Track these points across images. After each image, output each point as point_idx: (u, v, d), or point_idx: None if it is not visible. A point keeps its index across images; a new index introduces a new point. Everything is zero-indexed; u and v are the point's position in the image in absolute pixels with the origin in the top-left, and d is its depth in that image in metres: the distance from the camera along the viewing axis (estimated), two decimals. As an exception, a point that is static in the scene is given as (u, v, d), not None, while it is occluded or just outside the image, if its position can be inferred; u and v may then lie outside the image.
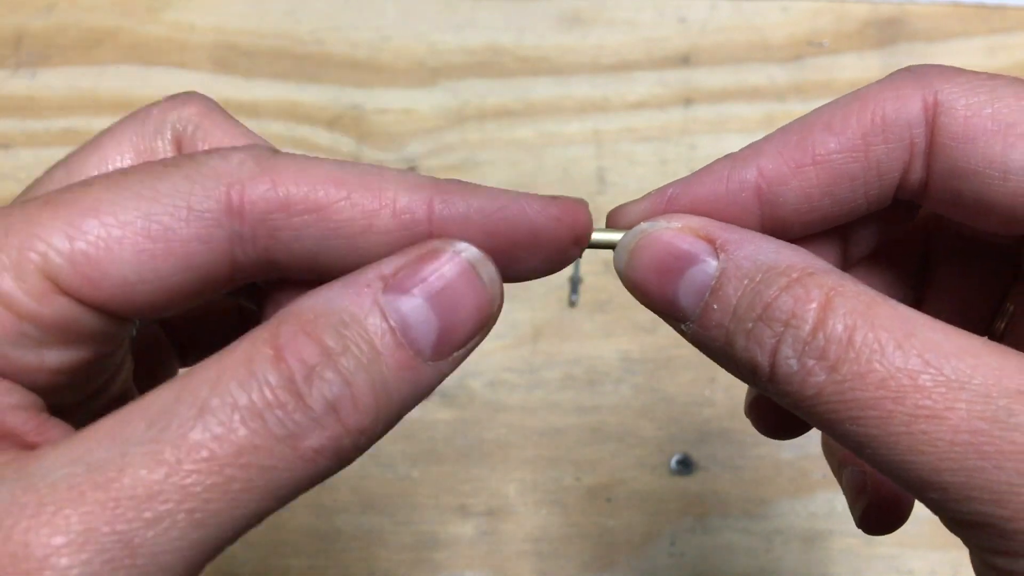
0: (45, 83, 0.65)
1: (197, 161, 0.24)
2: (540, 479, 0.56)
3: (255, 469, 0.21)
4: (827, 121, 0.26)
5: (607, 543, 0.55)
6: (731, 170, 0.27)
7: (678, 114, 0.64)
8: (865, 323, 0.22)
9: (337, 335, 0.22)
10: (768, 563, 0.55)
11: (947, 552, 0.55)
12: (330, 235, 0.24)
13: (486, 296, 0.25)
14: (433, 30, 0.67)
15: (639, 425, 0.57)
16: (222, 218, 0.23)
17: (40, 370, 0.23)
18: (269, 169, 0.24)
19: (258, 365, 0.21)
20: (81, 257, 0.22)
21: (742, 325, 0.24)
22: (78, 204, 0.23)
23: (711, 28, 0.67)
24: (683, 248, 0.26)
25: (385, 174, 0.25)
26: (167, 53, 0.66)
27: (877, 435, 0.22)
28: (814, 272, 0.24)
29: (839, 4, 0.67)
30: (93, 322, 0.23)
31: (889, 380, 0.22)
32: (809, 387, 0.23)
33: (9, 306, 0.22)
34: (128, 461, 0.20)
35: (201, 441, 0.20)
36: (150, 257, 0.23)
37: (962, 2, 0.67)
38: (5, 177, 0.63)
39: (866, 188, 0.27)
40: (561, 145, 0.64)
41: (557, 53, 0.66)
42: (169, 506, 0.20)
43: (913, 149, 0.26)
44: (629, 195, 0.64)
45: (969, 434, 0.21)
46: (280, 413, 0.21)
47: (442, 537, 0.55)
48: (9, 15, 0.67)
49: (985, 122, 0.25)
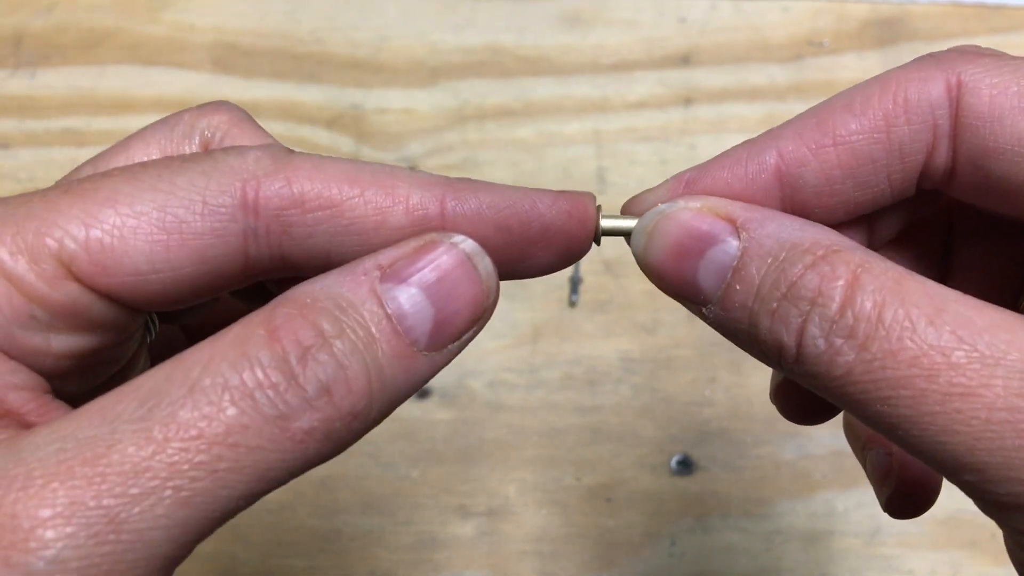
0: (45, 83, 0.65)
1: (215, 157, 0.25)
2: (540, 479, 0.56)
3: (243, 449, 0.21)
4: (848, 103, 0.26)
5: (607, 543, 0.55)
6: (750, 153, 0.27)
7: (678, 114, 0.64)
8: (895, 300, 0.22)
9: (333, 319, 0.22)
10: (768, 563, 0.55)
11: (947, 552, 0.55)
12: (343, 232, 0.24)
13: (482, 288, 0.25)
14: (433, 30, 0.67)
15: (639, 425, 0.57)
16: (236, 213, 0.24)
17: (46, 354, 0.24)
18: (285, 167, 0.24)
19: (251, 345, 0.21)
20: (96, 245, 0.23)
21: (766, 305, 0.23)
22: (97, 194, 0.23)
23: (711, 28, 0.67)
24: (703, 228, 0.25)
25: (398, 172, 0.25)
26: (167, 53, 0.66)
27: (909, 415, 0.21)
28: (840, 249, 0.23)
29: (839, 4, 0.67)
30: (103, 310, 0.24)
31: (921, 358, 0.21)
32: (837, 367, 0.22)
33: (20, 287, 0.23)
34: (117, 438, 0.20)
35: (190, 420, 0.20)
36: (164, 248, 0.23)
37: (962, 2, 0.67)
38: (5, 177, 0.63)
39: (889, 171, 0.26)
40: (561, 145, 0.64)
41: (557, 53, 0.66)
42: (155, 483, 0.20)
43: (937, 131, 0.26)
44: (629, 195, 0.64)
45: (1007, 411, 0.21)
46: (271, 393, 0.21)
47: (442, 537, 0.55)
48: (9, 15, 0.67)
49: (1012, 100, 0.24)
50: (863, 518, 0.56)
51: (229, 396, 0.21)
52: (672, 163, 0.63)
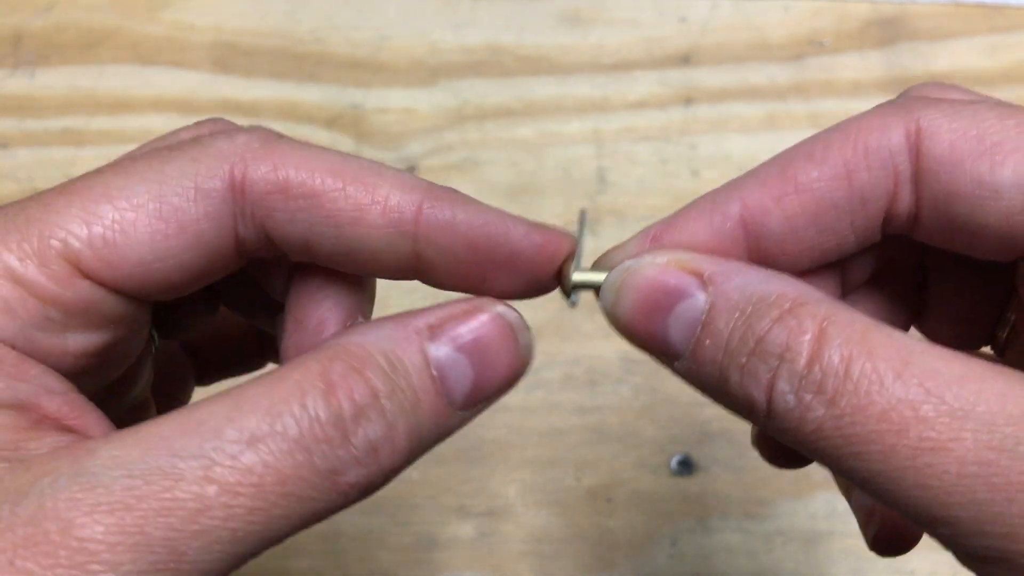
0: (44, 83, 0.65)
1: (202, 143, 0.25)
2: (540, 479, 0.56)
3: (295, 499, 0.22)
4: (809, 151, 0.26)
5: (607, 544, 0.55)
6: (714, 205, 0.27)
7: (678, 114, 0.64)
8: (861, 353, 0.22)
9: (385, 377, 0.23)
10: (769, 564, 0.55)
11: (947, 553, 0.55)
12: (321, 222, 0.25)
13: (519, 359, 0.26)
14: (433, 29, 0.67)
15: (639, 426, 0.57)
16: (227, 195, 0.25)
17: (65, 354, 0.24)
18: (272, 151, 0.25)
19: (310, 399, 0.22)
20: (99, 241, 0.24)
21: (736, 360, 0.23)
22: (91, 191, 0.24)
23: (711, 27, 0.67)
24: (670, 283, 0.25)
25: (383, 171, 0.26)
26: (167, 53, 0.66)
27: (881, 470, 0.21)
28: (805, 302, 0.23)
29: (840, 3, 0.67)
30: (112, 304, 0.25)
31: (890, 412, 0.21)
32: (808, 423, 0.22)
33: (33, 291, 0.23)
34: (181, 473, 0.21)
35: (251, 467, 0.21)
36: (164, 237, 0.24)
37: (963, 2, 0.67)
38: (4, 177, 0.63)
39: (852, 217, 0.26)
40: (561, 145, 0.63)
41: (557, 53, 0.66)
42: (215, 523, 0.21)
43: (898, 177, 0.26)
44: (629, 195, 0.64)
45: (977, 465, 0.20)
46: (326, 448, 0.22)
47: (442, 537, 0.55)
48: (9, 15, 0.67)
49: (971, 143, 0.24)
50: (864, 518, 0.56)
51: (287, 447, 0.22)
52: (672, 163, 0.63)
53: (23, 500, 0.20)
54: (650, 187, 0.62)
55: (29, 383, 0.23)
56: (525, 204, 0.62)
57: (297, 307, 0.27)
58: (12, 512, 0.20)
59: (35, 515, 0.20)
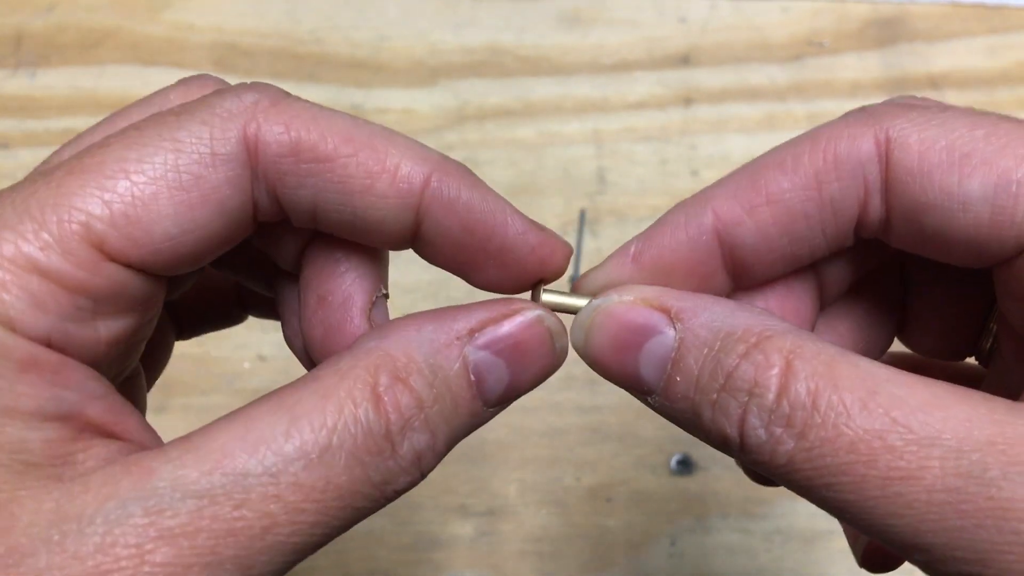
0: (45, 83, 0.65)
1: (210, 104, 0.24)
2: (540, 479, 0.56)
3: (350, 510, 0.23)
4: (779, 161, 0.26)
5: (607, 543, 0.55)
6: (687, 216, 0.27)
7: (678, 114, 0.64)
8: (827, 385, 0.22)
9: (428, 387, 0.24)
10: (768, 563, 0.55)
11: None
12: (330, 188, 0.25)
13: (553, 363, 0.27)
14: (433, 30, 0.67)
15: (639, 425, 0.57)
16: (243, 157, 0.24)
17: (97, 343, 0.23)
18: (284, 110, 0.24)
19: (362, 412, 0.23)
20: (122, 219, 0.23)
21: (707, 396, 0.24)
22: (105, 167, 0.23)
23: (711, 28, 0.67)
24: (638, 321, 0.25)
25: (395, 139, 0.25)
26: (167, 53, 0.66)
27: (853, 500, 0.22)
28: (771, 335, 0.23)
29: (839, 4, 0.67)
30: (139, 285, 0.24)
31: (859, 443, 0.21)
32: (779, 456, 0.22)
33: (61, 282, 0.22)
34: (247, 494, 0.21)
35: (314, 484, 0.22)
36: (188, 208, 0.23)
37: (962, 2, 0.67)
38: (5, 177, 0.63)
39: (823, 226, 0.26)
40: (561, 145, 0.64)
41: (557, 53, 0.66)
42: (281, 537, 0.22)
43: (868, 187, 0.26)
44: (629, 195, 0.64)
45: (945, 493, 0.21)
46: (378, 460, 0.23)
47: (442, 537, 0.55)
48: (9, 15, 0.67)
49: (940, 155, 0.24)
50: (863, 518, 0.56)
51: (345, 462, 0.22)
52: (672, 163, 0.63)
53: (89, 526, 0.20)
54: (650, 187, 0.62)
55: (72, 389, 0.22)
56: (525, 204, 0.61)
57: (318, 281, 0.27)
58: (80, 539, 0.20)
59: (105, 543, 0.20)
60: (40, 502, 0.21)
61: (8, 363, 0.22)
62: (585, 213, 0.61)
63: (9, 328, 0.22)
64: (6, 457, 0.21)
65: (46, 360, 0.22)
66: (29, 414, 0.22)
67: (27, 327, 0.22)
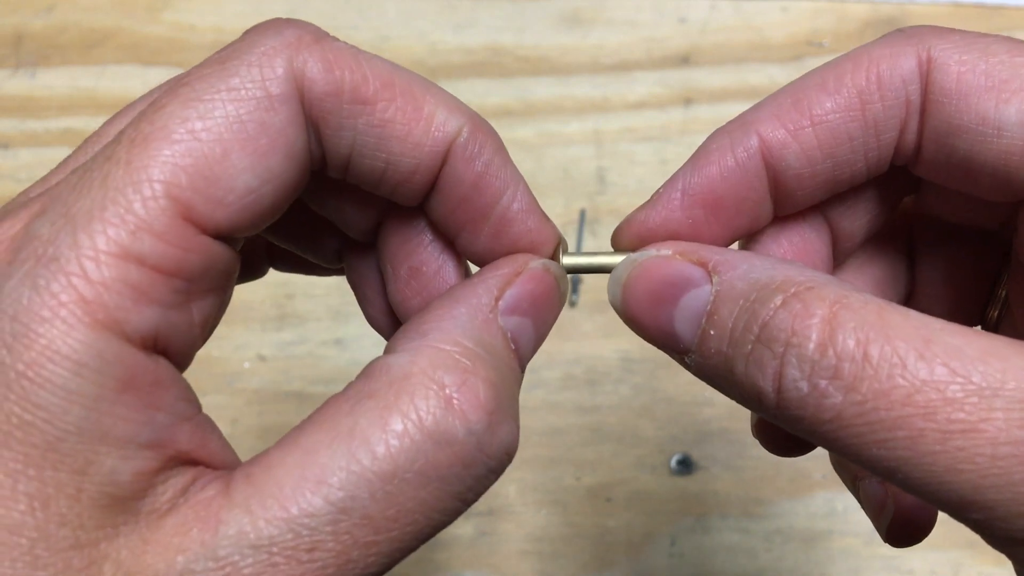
0: (45, 83, 0.65)
1: (252, 43, 0.23)
2: (540, 479, 0.56)
3: (428, 530, 0.22)
4: (821, 82, 0.26)
5: (607, 543, 0.55)
6: (733, 140, 0.26)
7: (678, 114, 0.64)
8: (879, 335, 0.21)
9: (493, 369, 0.23)
10: (768, 563, 0.55)
11: (947, 552, 0.55)
12: (369, 132, 0.24)
13: (562, 304, 0.27)
14: (433, 30, 0.67)
15: (639, 425, 0.57)
16: (296, 94, 0.23)
17: (193, 328, 0.22)
18: (327, 48, 0.24)
19: (430, 423, 0.22)
20: (202, 182, 0.21)
21: (741, 349, 0.22)
22: (169, 131, 0.21)
23: (711, 28, 0.67)
24: (675, 275, 0.25)
25: (431, 87, 0.25)
26: (167, 53, 0.66)
27: (908, 456, 0.20)
28: (814, 286, 0.22)
29: (839, 4, 0.67)
30: (224, 256, 0.22)
31: (915, 395, 0.20)
32: (825, 410, 0.21)
33: (159, 266, 0.21)
34: (317, 538, 0.21)
35: (383, 514, 0.21)
36: (262, 156, 0.22)
37: (962, 2, 0.67)
38: (5, 177, 0.63)
39: (865, 149, 0.26)
40: (561, 145, 0.64)
41: (557, 53, 0.66)
42: (356, 571, 0.21)
43: (909, 107, 0.25)
44: (629, 195, 0.64)
45: (1011, 445, 0.19)
46: (459, 469, 0.22)
47: (442, 537, 0.55)
48: (9, 15, 0.67)
49: (979, 78, 0.24)
50: (863, 518, 0.55)
51: (417, 481, 0.21)
52: (672, 163, 0.63)
53: None
54: (650, 187, 0.62)
55: (165, 411, 0.21)
56: (525, 204, 0.62)
57: (405, 252, 0.27)
58: None
59: None
60: (117, 549, 0.20)
61: (109, 381, 0.20)
62: (585, 213, 0.61)
63: (117, 332, 0.20)
64: (96, 491, 0.20)
65: (143, 378, 0.20)
66: (125, 441, 0.20)
67: (136, 326, 0.20)
